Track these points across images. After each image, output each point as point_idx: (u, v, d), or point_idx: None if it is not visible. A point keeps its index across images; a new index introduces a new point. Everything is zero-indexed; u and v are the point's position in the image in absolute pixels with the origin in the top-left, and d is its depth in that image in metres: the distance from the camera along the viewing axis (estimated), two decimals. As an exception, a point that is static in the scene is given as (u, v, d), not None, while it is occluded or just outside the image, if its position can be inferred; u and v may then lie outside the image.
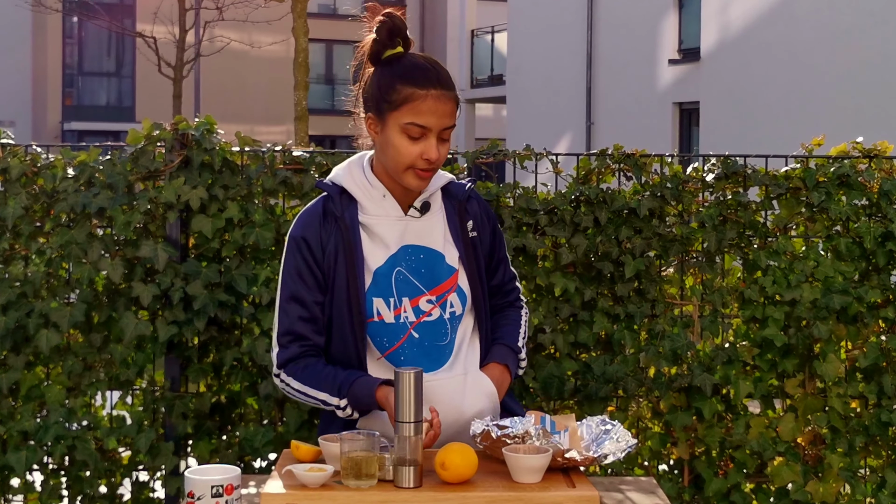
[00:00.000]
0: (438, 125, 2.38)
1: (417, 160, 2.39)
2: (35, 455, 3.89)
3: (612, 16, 19.65)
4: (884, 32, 14.35)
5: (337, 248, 2.45)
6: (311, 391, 2.43)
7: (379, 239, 2.46)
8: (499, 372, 2.55)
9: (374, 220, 2.47)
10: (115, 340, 3.96)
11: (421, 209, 2.50)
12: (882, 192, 3.99)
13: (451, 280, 2.50)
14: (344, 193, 2.48)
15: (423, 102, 2.36)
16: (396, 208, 2.48)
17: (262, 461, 3.95)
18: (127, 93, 28.57)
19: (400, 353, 2.46)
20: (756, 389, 3.94)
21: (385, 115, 2.40)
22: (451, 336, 2.50)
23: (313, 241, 2.46)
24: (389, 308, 2.45)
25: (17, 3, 19.70)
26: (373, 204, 2.47)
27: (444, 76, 2.41)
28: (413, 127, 2.37)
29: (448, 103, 2.39)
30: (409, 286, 2.46)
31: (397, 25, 2.43)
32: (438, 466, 2.19)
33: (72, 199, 3.90)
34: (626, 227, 3.96)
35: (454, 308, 2.50)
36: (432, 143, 2.38)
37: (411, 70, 2.39)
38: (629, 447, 2.32)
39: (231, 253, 3.94)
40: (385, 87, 2.40)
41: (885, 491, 3.98)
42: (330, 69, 32.38)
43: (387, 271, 2.45)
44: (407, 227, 2.48)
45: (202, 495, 2.09)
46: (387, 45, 2.43)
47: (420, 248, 2.48)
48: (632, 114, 18.85)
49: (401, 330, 2.46)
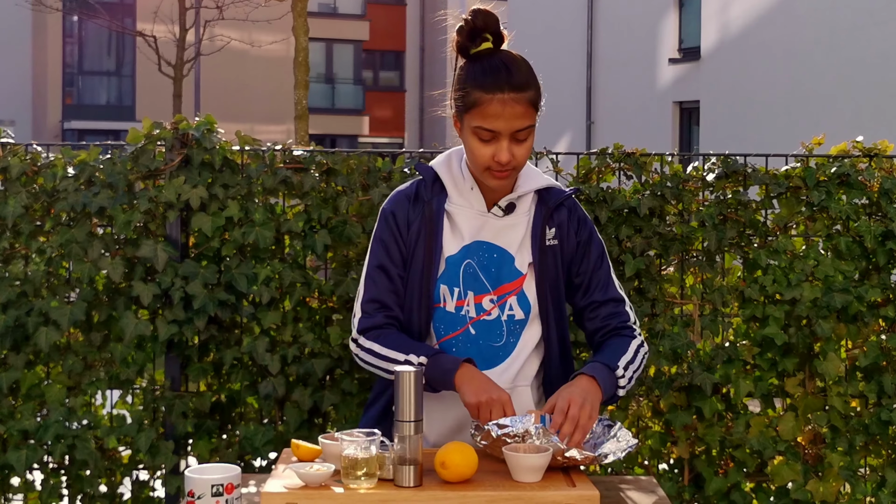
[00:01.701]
0: (508, 128, 2.38)
1: (491, 162, 2.40)
2: (35, 454, 3.89)
3: (612, 15, 19.66)
4: (884, 32, 14.35)
5: (420, 231, 2.49)
6: (392, 353, 2.43)
7: (458, 228, 2.50)
8: (584, 382, 2.38)
9: (457, 210, 2.50)
10: (115, 339, 3.96)
11: (505, 209, 2.51)
12: (882, 191, 3.99)
13: (516, 283, 2.49)
14: (437, 181, 2.53)
15: (490, 106, 2.37)
16: (481, 202, 2.51)
17: (262, 460, 3.95)
18: (127, 92, 28.58)
19: (452, 345, 2.49)
20: (756, 388, 3.94)
21: (462, 117, 2.44)
22: (508, 339, 2.50)
23: (401, 217, 2.51)
24: (452, 297, 2.48)
25: (17, 2, 19.70)
26: (459, 194, 2.51)
27: (516, 78, 2.39)
28: (482, 131, 2.39)
29: (517, 106, 2.37)
30: (477, 282, 2.49)
31: (478, 26, 2.42)
32: (438, 466, 2.19)
33: (72, 199, 3.90)
34: (626, 226, 3.96)
35: (513, 312, 2.49)
36: (503, 146, 2.39)
37: (482, 73, 2.39)
38: (629, 447, 2.32)
39: (231, 252, 3.94)
40: (460, 89, 2.43)
41: (885, 490, 3.98)
42: (330, 68, 32.39)
43: (458, 261, 2.49)
44: (486, 223, 2.50)
45: (202, 494, 2.09)
46: (469, 44, 2.43)
47: (494, 247, 2.50)
48: (632, 113, 18.86)
49: (459, 322, 2.49)
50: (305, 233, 3.96)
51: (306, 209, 3.97)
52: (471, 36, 2.43)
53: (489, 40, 2.42)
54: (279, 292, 3.93)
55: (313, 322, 3.99)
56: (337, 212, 3.96)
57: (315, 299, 4.02)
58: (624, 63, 19.24)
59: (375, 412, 2.58)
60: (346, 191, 3.97)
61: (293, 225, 3.92)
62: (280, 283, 3.90)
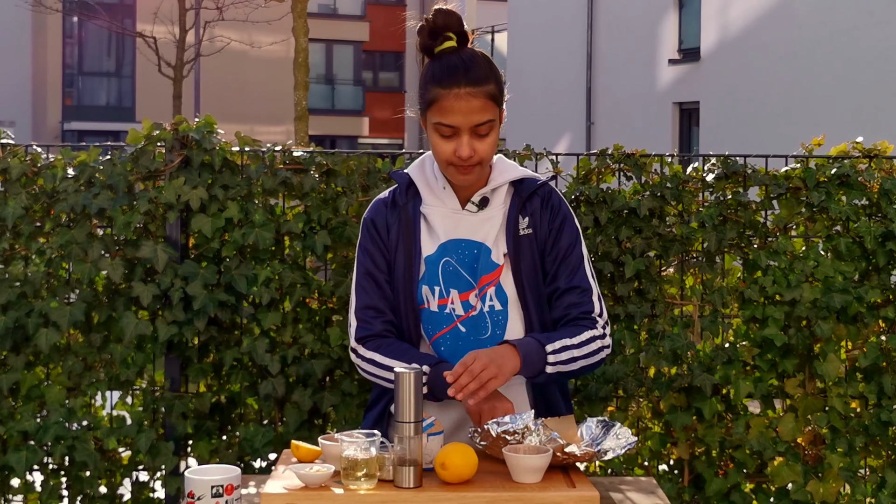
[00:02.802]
0: (466, 123, 2.40)
1: (452, 157, 2.43)
2: (35, 455, 3.89)
3: (612, 16, 19.65)
4: (884, 32, 14.35)
5: (398, 236, 2.52)
6: (394, 363, 2.43)
7: (433, 229, 2.52)
8: (501, 348, 2.38)
9: (432, 210, 2.52)
10: (115, 340, 3.96)
11: (479, 204, 2.52)
12: (882, 192, 3.99)
13: (493, 275, 2.50)
14: (412, 185, 2.55)
15: (446, 101, 2.39)
16: (454, 201, 2.52)
17: (262, 461, 3.96)
18: (127, 93, 28.58)
19: (441, 344, 2.50)
20: (756, 389, 3.94)
21: (425, 115, 2.47)
22: (494, 332, 2.50)
23: (380, 224, 2.55)
24: (434, 297, 2.49)
25: (17, 3, 19.69)
26: (432, 195, 2.53)
27: (474, 73, 2.40)
28: (441, 126, 2.42)
29: (474, 100, 2.39)
30: (460, 279, 2.49)
31: (439, 25, 2.44)
32: (438, 466, 2.19)
33: (72, 200, 3.90)
34: (626, 226, 3.96)
35: (493, 303, 2.50)
36: (463, 141, 2.41)
37: (440, 70, 2.42)
38: (629, 444, 2.32)
39: (231, 253, 3.94)
40: (421, 87, 2.47)
41: (885, 491, 3.98)
42: (330, 69, 32.40)
43: (436, 260, 2.50)
44: (461, 221, 2.51)
45: (202, 495, 2.09)
46: (431, 43, 2.45)
47: (471, 243, 2.50)
48: (632, 114, 18.86)
49: (445, 320, 2.49)
50: (305, 234, 3.96)
51: (306, 210, 3.97)
52: (432, 35, 2.45)
53: (452, 39, 2.44)
54: (279, 293, 3.93)
55: (313, 323, 3.99)
56: (337, 213, 3.96)
57: (315, 300, 4.02)
58: (624, 64, 19.24)
59: (376, 413, 2.58)
60: (346, 192, 3.97)
61: (293, 226, 3.92)
62: (280, 283, 3.90)
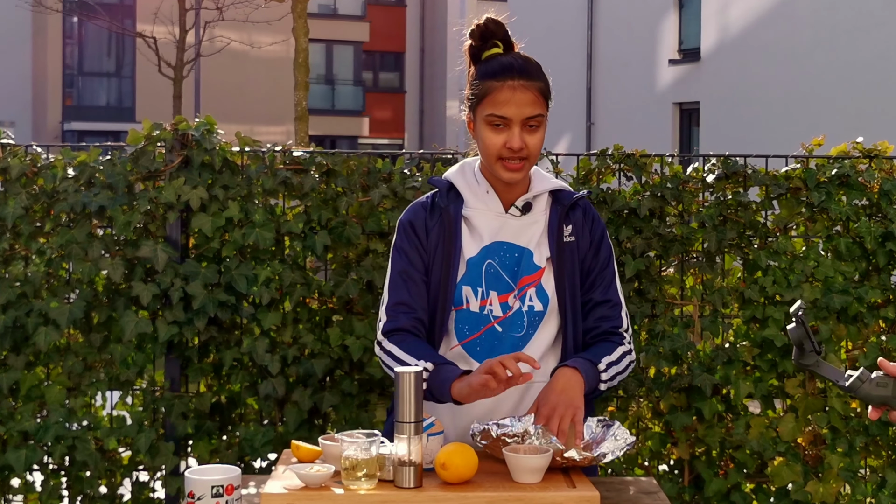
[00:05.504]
0: (518, 115, 2.46)
1: (503, 150, 2.47)
2: (35, 455, 3.89)
3: (612, 16, 19.67)
4: (884, 32, 14.36)
5: (439, 238, 2.56)
6: (408, 357, 2.46)
7: (476, 231, 2.56)
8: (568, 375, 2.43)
9: (475, 213, 2.57)
10: (115, 340, 3.96)
11: (522, 209, 2.57)
12: (882, 192, 3.99)
13: (534, 276, 2.54)
14: (452, 189, 2.60)
15: (500, 93, 2.46)
16: (498, 204, 2.57)
17: (262, 461, 3.95)
18: (127, 93, 28.57)
19: (476, 344, 2.53)
20: (756, 389, 3.94)
21: (475, 111, 2.52)
22: (528, 331, 2.53)
23: (419, 225, 2.58)
24: (476, 297, 2.53)
25: (17, 3, 19.70)
26: (476, 198, 2.58)
27: (526, 68, 2.48)
28: (494, 118, 2.47)
29: (527, 92, 2.46)
30: (500, 281, 2.53)
31: (490, 29, 2.53)
32: (438, 466, 2.19)
33: (72, 199, 3.90)
34: (626, 227, 3.96)
35: (532, 303, 2.54)
36: (514, 133, 2.46)
37: (493, 66, 2.49)
38: (627, 445, 2.33)
39: (231, 253, 3.94)
40: (473, 84, 2.52)
41: (885, 491, 3.98)
42: (330, 69, 32.39)
43: (478, 262, 2.54)
44: (504, 224, 2.56)
45: (202, 495, 2.09)
46: (482, 48, 2.53)
47: (514, 246, 2.55)
48: (632, 114, 18.87)
49: (483, 321, 2.53)
50: (305, 234, 3.96)
51: (306, 210, 3.97)
52: (482, 38, 2.53)
53: (499, 46, 2.53)
54: (279, 293, 3.93)
55: (313, 323, 3.99)
56: (337, 213, 3.96)
57: (315, 300, 4.02)
58: (624, 64, 19.25)
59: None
60: (346, 192, 3.97)
61: (293, 226, 3.92)
62: (280, 283, 3.90)
